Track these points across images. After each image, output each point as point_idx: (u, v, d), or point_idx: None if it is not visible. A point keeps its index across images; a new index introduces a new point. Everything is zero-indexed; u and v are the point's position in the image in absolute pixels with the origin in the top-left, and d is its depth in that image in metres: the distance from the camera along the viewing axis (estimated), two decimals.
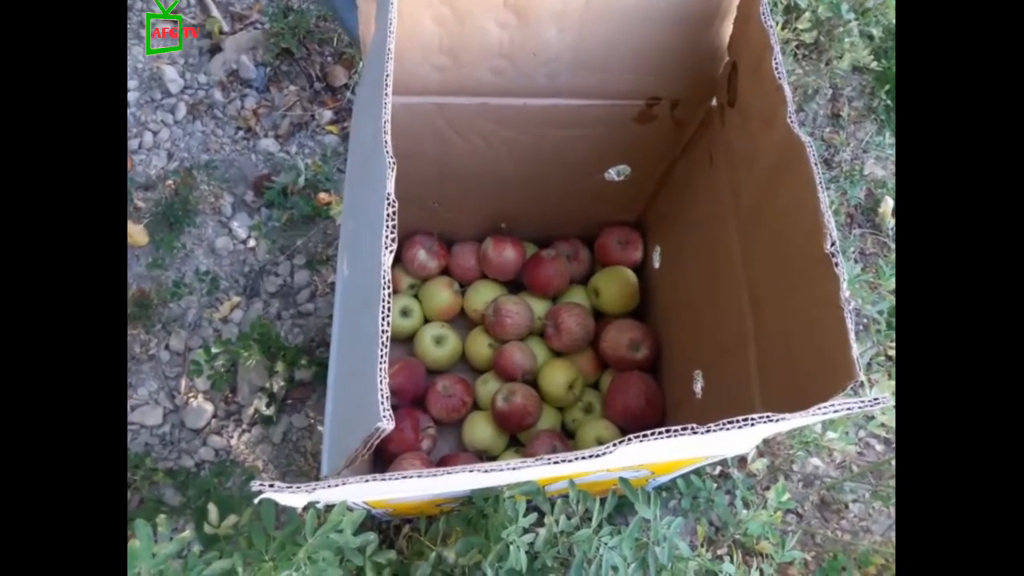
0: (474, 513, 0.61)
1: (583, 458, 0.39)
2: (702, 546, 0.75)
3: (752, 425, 0.38)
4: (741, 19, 0.62)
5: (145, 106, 1.12)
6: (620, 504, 0.64)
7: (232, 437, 0.94)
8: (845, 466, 0.96)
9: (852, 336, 0.44)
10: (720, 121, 0.69)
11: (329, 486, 0.38)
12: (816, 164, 0.50)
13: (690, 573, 0.68)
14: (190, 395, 0.95)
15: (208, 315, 1.00)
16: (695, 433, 0.38)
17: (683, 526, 0.87)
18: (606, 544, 0.59)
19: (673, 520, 0.65)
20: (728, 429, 0.38)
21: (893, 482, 0.85)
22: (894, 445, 0.96)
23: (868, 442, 0.99)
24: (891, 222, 1.15)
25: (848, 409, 0.40)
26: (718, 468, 0.85)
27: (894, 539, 0.86)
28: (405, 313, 0.92)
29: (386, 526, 0.84)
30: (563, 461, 0.40)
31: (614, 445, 0.38)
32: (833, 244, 0.47)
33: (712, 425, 0.38)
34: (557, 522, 0.60)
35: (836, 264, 0.46)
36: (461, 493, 0.58)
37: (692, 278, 0.79)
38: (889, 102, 1.23)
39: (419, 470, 0.39)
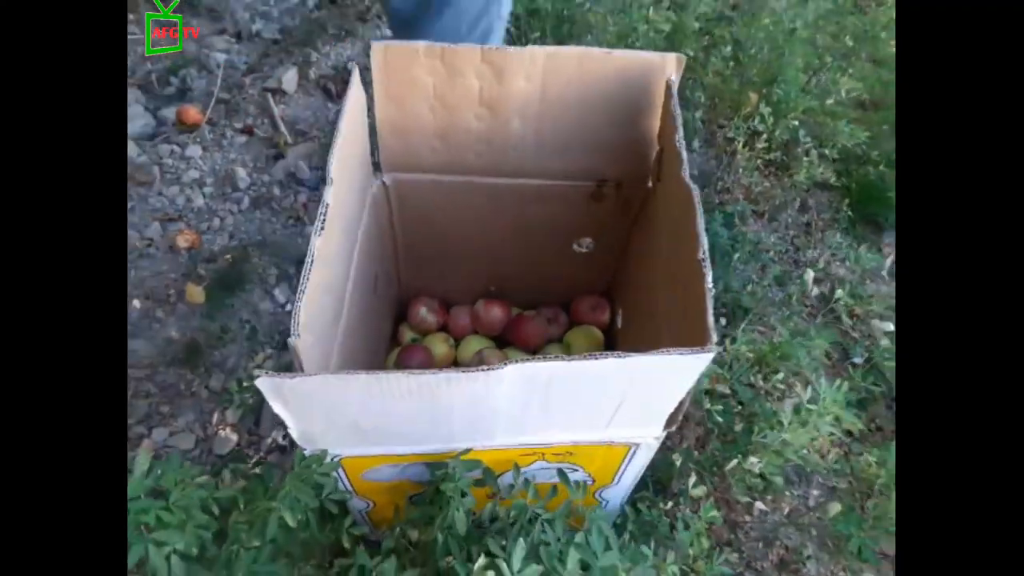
0: (431, 491, 0.73)
1: (476, 370, 0.52)
2: None
3: (604, 358, 0.52)
4: (665, 112, 0.82)
5: (217, 198, 1.38)
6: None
7: (251, 462, 1.07)
8: (793, 514, 1.02)
9: (711, 315, 0.58)
10: (654, 195, 0.87)
11: (293, 378, 0.52)
12: (698, 203, 0.66)
13: None
14: (220, 427, 1.11)
15: (244, 362, 1.18)
16: (562, 360, 0.52)
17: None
18: None
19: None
20: (586, 360, 0.52)
21: (839, 529, 0.92)
22: (829, 486, 1.02)
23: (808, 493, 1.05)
24: (814, 290, 1.30)
25: (680, 354, 0.53)
26: (670, 503, 0.93)
27: None
28: None
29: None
30: (453, 375, 0.53)
31: (503, 365, 0.52)
32: (703, 253, 0.62)
33: (575, 356, 0.52)
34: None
35: (704, 267, 0.61)
36: (424, 479, 0.71)
37: (640, 335, 0.93)
38: (851, 213, 1.40)
39: (364, 371, 0.52)
